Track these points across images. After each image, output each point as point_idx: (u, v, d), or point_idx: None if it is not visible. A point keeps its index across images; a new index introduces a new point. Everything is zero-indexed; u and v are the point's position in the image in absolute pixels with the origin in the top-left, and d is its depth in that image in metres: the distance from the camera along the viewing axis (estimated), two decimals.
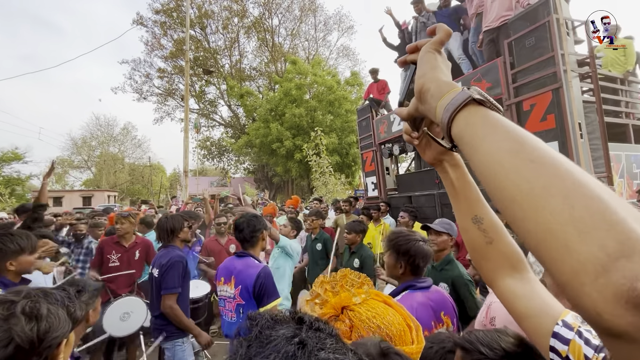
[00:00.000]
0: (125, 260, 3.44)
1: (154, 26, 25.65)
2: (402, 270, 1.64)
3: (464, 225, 0.66)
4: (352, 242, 3.33)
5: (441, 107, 0.46)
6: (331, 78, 21.37)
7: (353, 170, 22.07)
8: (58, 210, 17.99)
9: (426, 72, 0.51)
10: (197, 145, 27.36)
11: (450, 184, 0.66)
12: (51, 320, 0.85)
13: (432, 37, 0.55)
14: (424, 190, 5.50)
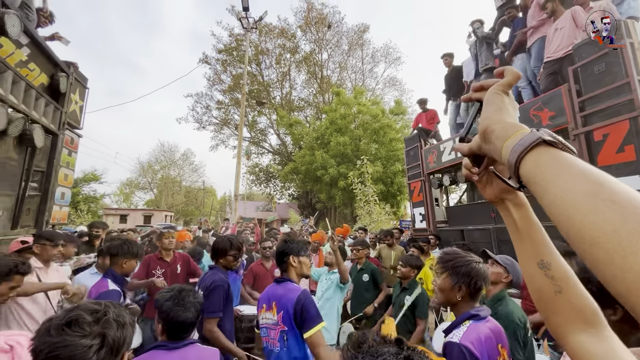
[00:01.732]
0: (168, 274, 3.61)
1: (216, 64, 28.40)
2: (460, 295, 1.50)
3: (529, 271, 0.59)
4: (406, 276, 3.14)
5: (507, 149, 0.46)
6: (376, 107, 21.57)
7: (398, 199, 21.47)
8: (123, 226, 19.77)
9: (492, 114, 0.52)
10: (247, 171, 28.79)
11: (512, 223, 0.61)
12: (128, 330, 0.92)
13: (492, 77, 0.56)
14: (478, 224, 5.14)
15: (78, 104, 4.48)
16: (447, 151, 5.99)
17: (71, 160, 4.42)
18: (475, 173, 0.63)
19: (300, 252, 2.24)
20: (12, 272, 1.90)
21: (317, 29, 28.94)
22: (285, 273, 2.22)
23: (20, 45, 3.22)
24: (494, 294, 2.07)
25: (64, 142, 4.17)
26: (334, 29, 29.35)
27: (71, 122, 4.33)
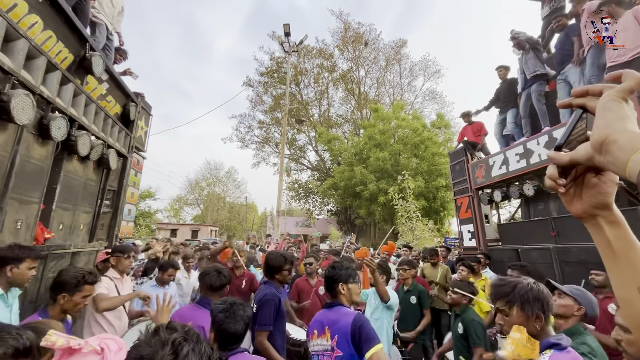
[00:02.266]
0: (234, 288, 3.81)
1: (258, 86, 30.00)
2: (540, 324, 1.36)
3: (626, 296, 0.54)
4: (457, 302, 2.97)
5: (636, 162, 0.42)
6: (416, 121, 21.18)
7: (441, 215, 20.60)
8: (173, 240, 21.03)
9: (612, 122, 0.47)
10: (287, 187, 29.51)
11: (605, 244, 0.56)
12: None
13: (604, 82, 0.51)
14: (536, 242, 4.78)
15: (143, 129, 5.00)
16: (497, 165, 5.70)
17: (137, 180, 4.90)
18: (561, 185, 0.57)
19: (349, 279, 2.18)
20: (80, 283, 2.10)
21: (354, 47, 29.52)
22: (335, 298, 2.19)
23: (101, 81, 3.71)
24: (566, 329, 1.84)
25: (131, 164, 4.64)
26: (371, 46, 29.74)
27: (138, 145, 4.83)
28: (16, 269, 1.87)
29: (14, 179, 2.44)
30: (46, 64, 2.67)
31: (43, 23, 2.61)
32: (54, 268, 3.15)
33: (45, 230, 2.92)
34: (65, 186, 3.21)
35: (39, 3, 2.53)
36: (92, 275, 2.20)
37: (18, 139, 2.46)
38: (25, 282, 1.95)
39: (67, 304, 2.00)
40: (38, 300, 2.88)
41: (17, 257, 1.87)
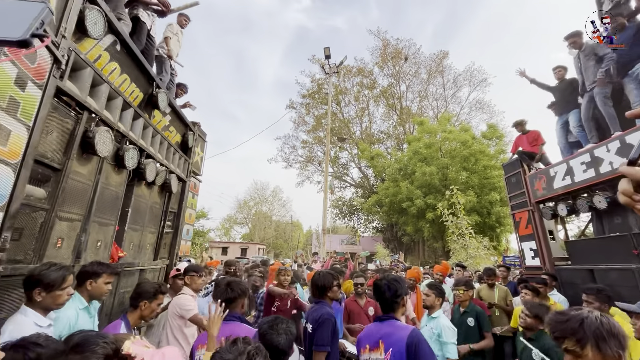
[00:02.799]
0: (281, 307, 3.86)
1: (301, 107, 31.10)
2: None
3: None
4: (530, 327, 2.67)
5: None
6: (464, 133, 20.21)
7: (497, 232, 19.08)
8: (224, 257, 22.01)
9: None
10: (331, 205, 29.59)
11: None
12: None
13: None
14: (614, 262, 4.23)
15: (200, 155, 5.44)
16: (560, 176, 5.22)
17: (194, 202, 5.29)
18: (638, 201, 0.55)
19: (408, 292, 2.21)
20: (157, 292, 2.36)
21: (394, 63, 29.50)
22: (392, 312, 2.13)
23: (165, 115, 4.15)
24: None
25: (189, 187, 5.05)
26: (411, 60, 29.51)
27: (195, 170, 5.26)
28: (95, 283, 2.11)
29: (96, 204, 2.80)
30: (122, 103, 3.08)
31: (120, 68, 3.02)
32: (125, 284, 3.49)
33: (119, 250, 3.27)
34: (135, 209, 3.59)
35: (117, 52, 2.95)
36: (164, 287, 2.44)
37: (99, 169, 2.83)
38: (103, 295, 2.19)
39: (146, 310, 2.23)
40: (112, 313, 3.20)
41: (95, 273, 2.12)
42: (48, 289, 1.74)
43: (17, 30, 0.63)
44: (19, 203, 1.95)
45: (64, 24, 2.13)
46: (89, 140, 2.56)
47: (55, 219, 2.35)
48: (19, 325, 1.68)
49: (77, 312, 2.05)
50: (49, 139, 2.25)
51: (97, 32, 2.49)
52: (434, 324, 2.92)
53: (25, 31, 0.63)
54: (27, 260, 2.16)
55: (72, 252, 2.57)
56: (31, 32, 0.63)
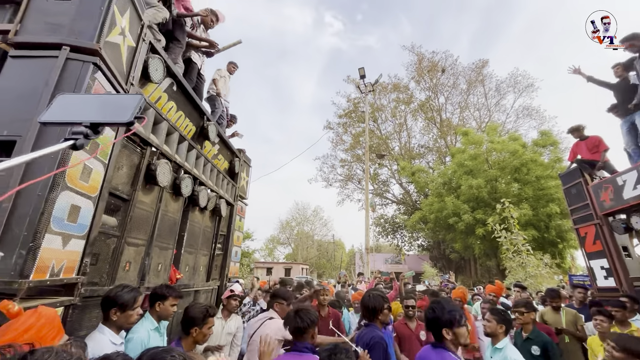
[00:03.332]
0: (322, 328, 3.81)
1: (338, 127, 31.52)
2: None
3: None
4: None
5: None
6: (514, 142, 18.98)
7: (560, 248, 17.28)
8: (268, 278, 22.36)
9: None
10: (373, 223, 29.06)
11: None
12: None
13: None
14: None
15: (245, 179, 5.74)
16: (630, 184, 4.69)
17: (241, 224, 5.54)
18: None
19: (454, 325, 1.96)
20: (206, 316, 2.42)
21: (431, 76, 29.04)
22: (439, 340, 2.01)
23: (214, 144, 4.48)
24: None
25: (236, 211, 5.31)
26: (449, 72, 28.83)
27: (241, 194, 5.54)
28: (162, 305, 2.28)
29: (157, 230, 3.07)
30: (178, 137, 3.39)
31: (176, 106, 3.36)
32: (182, 305, 3.71)
33: (177, 272, 3.51)
34: (190, 233, 3.85)
35: (174, 92, 3.29)
36: (213, 309, 2.52)
37: (160, 197, 3.11)
38: (169, 316, 2.35)
39: (199, 336, 2.32)
40: (172, 332, 3.40)
41: (163, 295, 2.29)
42: (122, 309, 1.92)
43: (125, 116, 0.91)
44: (97, 231, 2.22)
45: (132, 73, 2.46)
46: (152, 172, 2.85)
47: (125, 244, 2.61)
48: (98, 343, 1.87)
49: (149, 332, 2.21)
50: (119, 173, 2.55)
51: (158, 77, 2.82)
52: (500, 357, 2.55)
53: (130, 116, 0.91)
54: (102, 282, 2.41)
55: (137, 274, 2.83)
56: (134, 116, 0.91)
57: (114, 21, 2.08)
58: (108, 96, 1.02)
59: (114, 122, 0.93)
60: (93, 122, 0.89)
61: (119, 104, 0.95)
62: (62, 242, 1.79)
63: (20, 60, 1.89)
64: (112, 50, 2.15)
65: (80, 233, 1.98)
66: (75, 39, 1.89)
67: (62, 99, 1.00)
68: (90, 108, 0.95)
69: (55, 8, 1.98)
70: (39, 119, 0.93)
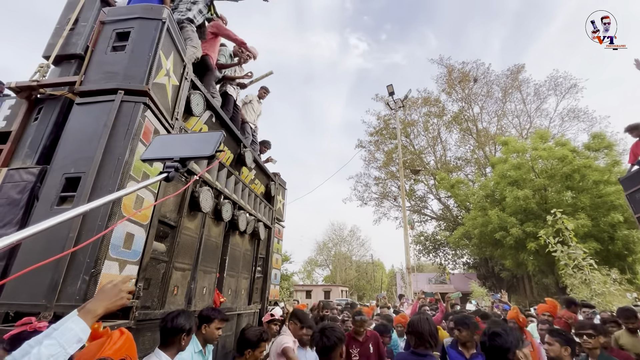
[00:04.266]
0: (363, 354, 3.66)
1: (370, 145, 31.44)
2: None
3: None
4: None
5: None
6: (562, 147, 17.66)
7: (629, 261, 15.41)
8: (308, 301, 22.05)
9: None
10: (412, 241, 27.99)
11: None
12: None
13: None
14: None
15: (281, 202, 5.86)
16: None
17: (279, 247, 5.61)
18: None
19: (520, 344, 1.86)
20: (260, 340, 2.45)
21: (462, 86, 28.35)
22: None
23: (250, 170, 4.67)
24: None
25: (274, 233, 5.41)
26: (481, 81, 27.98)
27: (278, 217, 5.65)
28: (208, 327, 2.35)
29: (201, 254, 3.20)
30: (218, 165, 3.59)
31: None
32: (225, 328, 3.77)
33: (220, 295, 3.60)
34: (231, 257, 3.97)
35: (213, 123, 3.52)
36: (266, 334, 2.54)
37: (203, 223, 3.27)
38: (215, 339, 2.40)
39: (251, 358, 2.34)
40: (217, 356, 3.46)
41: (209, 317, 2.36)
42: (189, 334, 2.00)
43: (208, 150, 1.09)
44: (149, 257, 2.37)
45: (177, 109, 2.68)
46: (195, 200, 3.02)
47: (173, 269, 2.75)
48: None
49: (192, 355, 2.28)
50: (167, 202, 2.73)
51: (199, 110, 3.04)
52: None
53: (212, 149, 1.09)
54: (154, 306, 2.54)
55: (184, 298, 2.94)
56: (215, 150, 1.09)
57: (160, 64, 2.31)
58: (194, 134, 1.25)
59: (199, 156, 1.09)
60: (182, 157, 1.06)
61: (203, 140, 1.12)
62: (118, 267, 1.93)
63: (84, 106, 2.15)
64: (159, 90, 2.37)
65: (134, 259, 2.13)
66: (129, 83, 2.12)
67: (159, 139, 1.21)
68: (180, 145, 1.13)
69: (112, 58, 2.25)
70: (141, 157, 1.15)
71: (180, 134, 1.33)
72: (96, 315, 1.16)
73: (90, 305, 1.17)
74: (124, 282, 1.28)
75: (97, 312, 1.16)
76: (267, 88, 5.83)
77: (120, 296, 1.25)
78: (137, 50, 2.23)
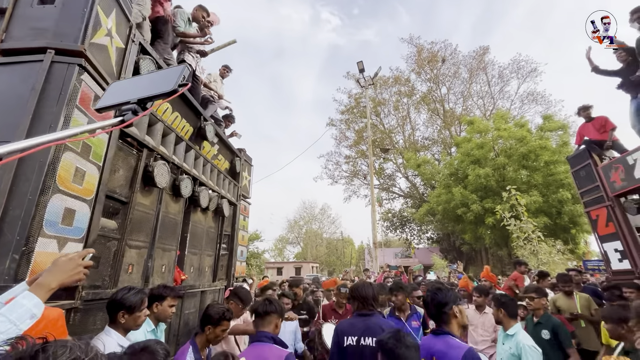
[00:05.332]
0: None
1: (341, 124, 31.39)
2: None
3: None
4: (619, 336, 2.30)
5: None
6: (520, 129, 18.67)
7: (573, 233, 16.99)
8: (279, 277, 22.42)
9: None
10: (380, 218, 28.91)
11: None
12: None
13: None
14: None
15: (247, 179, 5.73)
16: None
17: (245, 224, 5.54)
18: None
19: (457, 301, 2.00)
20: (221, 318, 2.40)
21: (431, 67, 28.71)
22: (445, 325, 1.97)
23: (213, 144, 4.47)
24: None
25: (240, 210, 5.30)
26: (449, 62, 28.47)
27: (244, 193, 5.53)
28: (160, 305, 2.27)
29: (159, 231, 3.06)
30: (175, 138, 3.38)
31: (172, 108, 3.35)
32: (189, 305, 3.71)
33: (181, 273, 3.50)
34: (193, 234, 3.85)
35: None
36: (230, 313, 2.49)
37: (160, 199, 3.11)
38: (168, 318, 2.33)
39: (211, 335, 2.30)
40: (179, 334, 3.41)
41: (161, 295, 2.27)
42: (130, 311, 1.90)
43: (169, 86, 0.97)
44: (96, 234, 2.21)
45: (122, 74, 2.44)
46: (149, 174, 2.84)
47: (126, 247, 2.61)
48: (105, 344, 1.85)
49: (145, 334, 2.20)
50: (116, 176, 2.54)
51: None
52: (512, 343, 2.53)
53: (174, 84, 0.96)
54: (105, 285, 2.41)
55: (141, 276, 2.83)
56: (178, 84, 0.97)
57: (98, 22, 2.07)
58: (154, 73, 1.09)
59: (159, 94, 0.97)
60: (140, 98, 0.96)
61: (164, 78, 1.00)
62: (57, 245, 1.78)
63: (7, 67, 1.89)
64: (100, 52, 2.13)
65: (77, 236, 1.98)
66: (60, 41, 1.88)
67: (114, 85, 1.09)
68: (138, 88, 1.01)
69: (39, 13, 1.97)
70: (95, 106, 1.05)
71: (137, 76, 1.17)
72: (50, 289, 1.10)
73: (43, 279, 1.11)
74: (80, 257, 1.22)
75: (51, 286, 1.10)
76: (228, 66, 5.53)
77: (76, 270, 1.19)
78: (69, 4, 1.97)
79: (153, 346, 1.47)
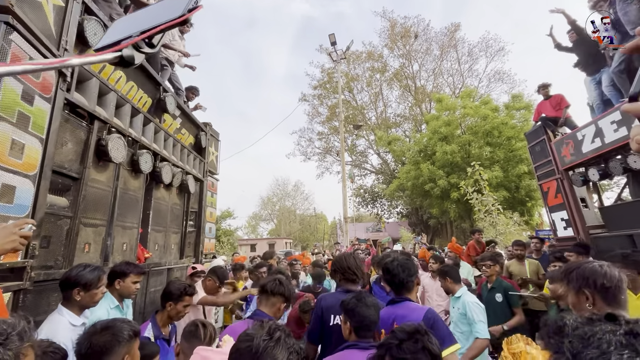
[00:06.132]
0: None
1: (313, 99, 30.91)
2: None
3: None
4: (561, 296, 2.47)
5: None
6: (485, 106, 19.35)
7: (528, 206, 18.29)
8: (253, 254, 22.51)
9: None
10: (353, 194, 29.46)
11: None
12: None
13: None
14: None
15: (214, 154, 5.54)
16: (589, 138, 4.90)
17: (213, 200, 5.42)
18: None
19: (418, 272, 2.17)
20: (182, 294, 2.39)
21: (404, 42, 28.58)
22: (407, 293, 2.05)
23: (175, 117, 4.25)
24: None
25: (207, 187, 5.17)
26: (421, 38, 28.46)
27: (211, 169, 5.37)
28: (123, 282, 2.21)
29: (118, 209, 2.92)
30: (131, 110, 3.16)
31: (126, 77, 3.11)
32: (155, 283, 3.64)
33: (145, 251, 3.40)
34: (156, 211, 3.72)
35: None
36: (191, 288, 2.47)
37: (117, 175, 2.94)
38: (132, 294, 2.28)
39: (172, 311, 2.29)
40: (146, 312, 3.36)
41: (123, 272, 2.21)
42: (86, 288, 1.83)
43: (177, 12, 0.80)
44: (43, 212, 2.07)
45: (64, 37, 2.21)
46: (103, 148, 2.66)
47: (80, 225, 2.47)
48: (55, 324, 1.79)
49: (108, 311, 2.15)
50: (64, 150, 2.35)
51: (97, 41, 2.55)
52: (460, 303, 2.79)
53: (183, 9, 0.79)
54: (58, 265, 2.29)
55: (100, 255, 2.71)
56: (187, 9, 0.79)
57: None
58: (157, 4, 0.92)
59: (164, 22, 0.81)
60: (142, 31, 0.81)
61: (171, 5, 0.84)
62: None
63: None
64: (33, 10, 1.90)
65: (20, 214, 1.83)
66: None
67: (117, 22, 0.96)
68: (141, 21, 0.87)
69: None
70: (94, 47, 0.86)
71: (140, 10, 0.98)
72: None
73: None
74: (16, 226, 1.14)
75: None
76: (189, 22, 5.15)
77: (12, 238, 1.11)
78: None
79: (118, 325, 1.39)
